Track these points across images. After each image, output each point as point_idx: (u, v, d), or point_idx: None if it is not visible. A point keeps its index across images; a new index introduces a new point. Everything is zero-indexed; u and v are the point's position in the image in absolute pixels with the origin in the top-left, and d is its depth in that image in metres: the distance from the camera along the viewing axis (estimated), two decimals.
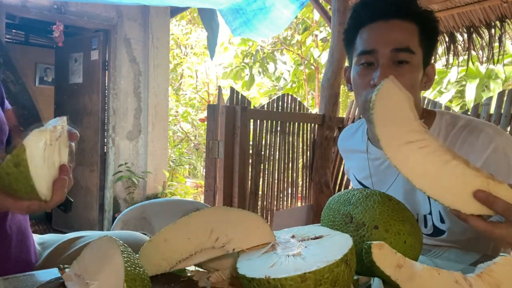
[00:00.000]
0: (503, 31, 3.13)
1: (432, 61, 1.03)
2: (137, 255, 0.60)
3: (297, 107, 3.34)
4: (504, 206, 0.62)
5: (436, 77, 1.09)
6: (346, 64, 1.11)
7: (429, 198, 0.95)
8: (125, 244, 0.58)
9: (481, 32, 3.20)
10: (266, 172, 3.09)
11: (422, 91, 1.03)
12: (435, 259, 0.81)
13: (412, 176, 0.61)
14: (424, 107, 1.13)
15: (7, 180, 0.55)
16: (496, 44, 3.27)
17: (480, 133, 0.93)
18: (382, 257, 0.57)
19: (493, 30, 3.15)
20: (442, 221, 0.98)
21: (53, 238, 1.01)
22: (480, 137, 0.92)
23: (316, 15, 6.95)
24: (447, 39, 3.34)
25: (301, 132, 3.28)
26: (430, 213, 0.99)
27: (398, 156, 0.62)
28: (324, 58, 6.61)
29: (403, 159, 0.62)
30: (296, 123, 3.23)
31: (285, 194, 3.26)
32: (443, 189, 0.62)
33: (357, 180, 1.16)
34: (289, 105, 3.26)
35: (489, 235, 0.65)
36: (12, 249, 0.85)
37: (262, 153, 3.03)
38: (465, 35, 3.27)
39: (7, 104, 0.92)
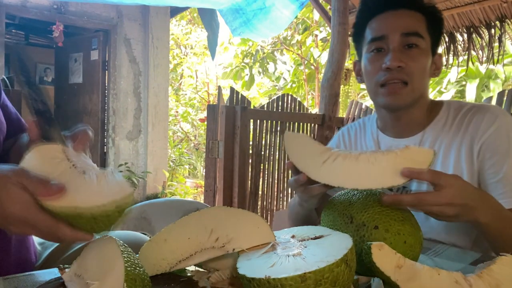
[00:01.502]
0: (503, 31, 3.13)
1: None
2: (137, 255, 0.60)
3: (297, 107, 3.34)
4: (430, 174, 0.69)
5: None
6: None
7: None
8: (125, 244, 0.58)
9: (481, 32, 3.21)
10: (266, 172, 3.09)
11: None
12: (435, 257, 0.81)
13: (341, 182, 0.69)
14: None
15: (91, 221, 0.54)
16: (496, 44, 3.28)
17: (486, 112, 0.96)
18: (382, 258, 0.57)
19: (493, 30, 3.15)
20: None
21: None
22: (486, 116, 0.95)
23: (316, 15, 6.95)
24: (447, 39, 3.34)
25: (301, 132, 3.28)
26: None
27: (323, 174, 0.71)
28: (324, 58, 6.61)
29: (327, 175, 0.71)
30: (296, 123, 3.23)
31: (285, 194, 3.26)
32: (367, 178, 0.68)
33: None
34: (289, 105, 3.26)
35: (429, 202, 0.70)
36: (12, 249, 0.84)
37: (262, 153, 3.03)
38: (465, 35, 3.27)
39: (4, 98, 0.92)
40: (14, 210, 0.54)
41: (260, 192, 3.06)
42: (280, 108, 3.19)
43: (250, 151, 2.91)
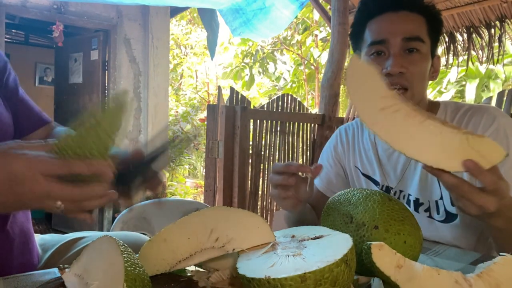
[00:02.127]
0: (503, 31, 3.13)
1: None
2: (137, 255, 0.60)
3: (297, 107, 3.34)
4: (490, 180, 0.64)
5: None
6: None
7: (439, 182, 0.95)
8: (125, 244, 0.58)
9: (481, 32, 3.20)
10: (266, 172, 3.09)
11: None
12: (435, 257, 0.81)
13: (391, 139, 0.63)
14: None
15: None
16: (496, 44, 3.27)
17: (484, 113, 0.95)
18: (382, 258, 0.56)
19: (493, 30, 3.15)
20: (453, 203, 0.98)
21: (54, 239, 1.00)
22: (484, 117, 0.95)
23: (316, 15, 6.95)
24: (447, 39, 3.34)
25: (301, 132, 3.28)
26: (442, 198, 0.99)
27: (375, 121, 0.64)
28: (324, 58, 6.61)
29: (380, 124, 0.64)
30: (296, 123, 3.23)
31: None
32: (421, 148, 0.63)
33: (362, 174, 1.15)
34: (289, 105, 3.26)
35: (467, 196, 0.67)
36: (15, 251, 0.84)
37: (262, 153, 3.03)
38: (465, 35, 3.27)
39: (22, 93, 0.92)
40: (32, 186, 0.52)
41: (260, 192, 3.06)
42: (280, 108, 3.19)
43: (250, 151, 2.91)
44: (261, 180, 3.03)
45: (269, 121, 3.05)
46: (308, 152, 3.36)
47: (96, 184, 0.56)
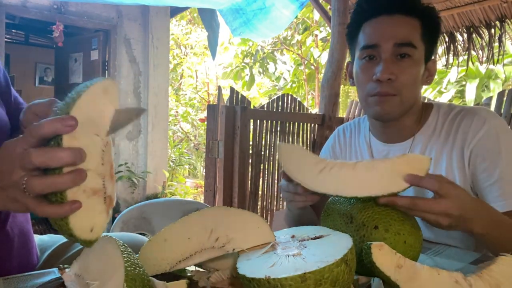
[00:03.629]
0: (503, 31, 3.13)
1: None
2: (137, 255, 0.59)
3: (297, 107, 3.34)
4: (433, 183, 0.69)
5: (436, 77, 1.10)
6: (348, 59, 1.12)
7: None
8: (125, 244, 0.58)
9: (481, 32, 3.21)
10: (266, 172, 3.09)
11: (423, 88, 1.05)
12: (435, 257, 0.81)
13: (340, 191, 0.69)
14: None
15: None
16: (496, 44, 3.28)
17: (475, 115, 0.95)
18: (382, 258, 0.57)
19: (493, 30, 3.15)
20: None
21: (52, 239, 1.00)
22: (475, 119, 0.95)
23: (316, 15, 6.95)
24: (447, 39, 3.34)
25: (301, 132, 3.28)
26: None
27: (320, 184, 0.72)
28: (324, 58, 6.61)
29: (325, 184, 0.71)
30: (296, 123, 3.23)
31: None
32: (366, 185, 0.69)
33: None
34: (289, 105, 3.26)
35: (425, 208, 0.69)
36: (14, 251, 0.84)
37: (262, 153, 3.03)
38: (465, 35, 3.27)
39: (16, 96, 0.92)
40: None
41: (260, 192, 3.06)
42: (280, 108, 3.19)
43: (250, 151, 2.91)
44: (261, 180, 3.03)
45: (269, 121, 3.05)
46: None
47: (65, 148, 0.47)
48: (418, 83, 0.98)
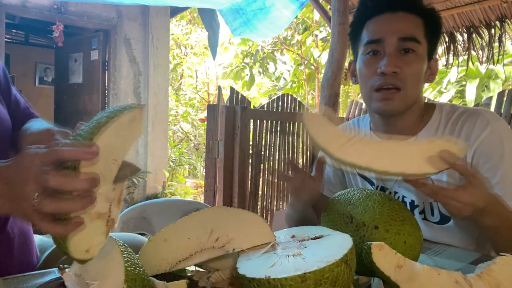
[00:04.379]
0: (503, 31, 3.13)
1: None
2: (137, 255, 0.60)
3: (297, 107, 3.34)
4: (466, 167, 0.69)
5: (436, 77, 1.10)
6: (348, 59, 1.12)
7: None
8: (125, 244, 0.58)
9: (481, 32, 3.20)
10: (266, 172, 3.09)
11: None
12: (435, 257, 0.81)
13: (370, 163, 0.67)
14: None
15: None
16: (496, 44, 3.27)
17: (478, 116, 0.95)
18: (382, 258, 0.56)
19: (493, 30, 3.15)
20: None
21: (51, 240, 1.00)
22: (478, 120, 0.95)
23: (316, 15, 6.95)
24: (447, 39, 3.34)
25: (301, 132, 3.28)
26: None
27: (349, 154, 0.69)
28: (324, 58, 6.61)
29: (355, 155, 0.69)
30: (296, 123, 3.23)
31: (285, 194, 3.26)
32: (397, 161, 0.66)
33: (358, 174, 1.15)
34: (289, 105, 3.26)
35: (453, 196, 0.69)
36: (14, 251, 0.84)
37: (262, 153, 3.03)
38: (465, 35, 3.27)
39: (15, 93, 0.92)
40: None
41: (260, 192, 3.06)
42: (280, 108, 3.19)
43: (250, 151, 2.91)
44: (261, 180, 3.03)
45: (269, 121, 3.05)
46: (308, 152, 3.36)
47: (82, 173, 0.48)
48: (421, 79, 0.99)
